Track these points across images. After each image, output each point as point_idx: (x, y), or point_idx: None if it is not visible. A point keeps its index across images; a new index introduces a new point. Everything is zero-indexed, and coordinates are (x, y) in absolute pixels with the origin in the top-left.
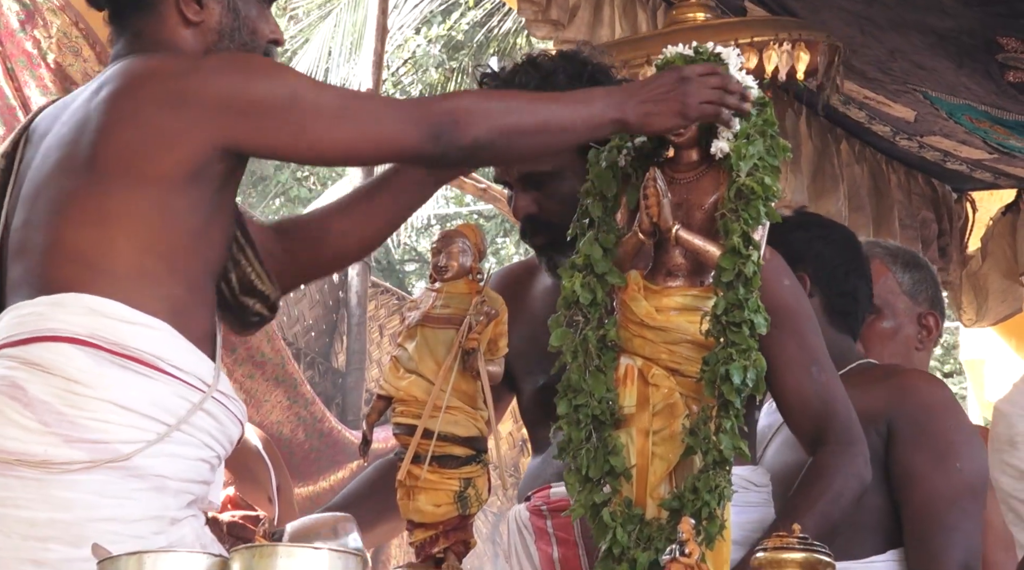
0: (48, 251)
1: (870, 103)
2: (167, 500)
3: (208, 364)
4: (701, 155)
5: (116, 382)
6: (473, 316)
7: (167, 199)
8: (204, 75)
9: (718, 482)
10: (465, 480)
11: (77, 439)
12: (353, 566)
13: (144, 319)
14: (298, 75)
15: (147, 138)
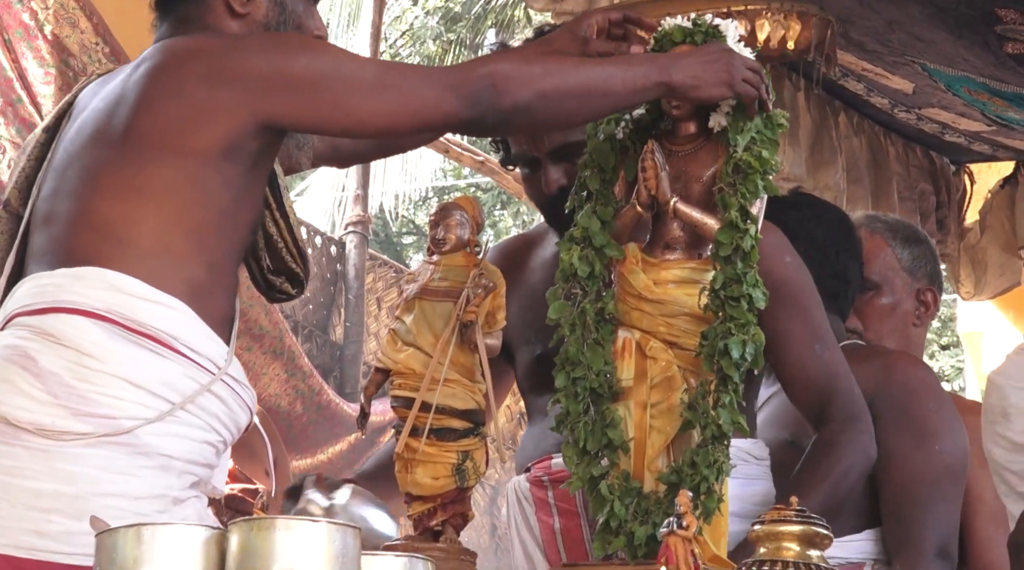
0: (75, 220)
1: (868, 75)
2: (171, 479)
3: (222, 348)
4: (699, 128)
5: (128, 358)
6: (471, 289)
7: (200, 174)
8: (245, 52)
9: (716, 457)
10: (463, 453)
11: (85, 413)
12: (351, 539)
13: (163, 298)
14: (337, 50)
15: (186, 112)
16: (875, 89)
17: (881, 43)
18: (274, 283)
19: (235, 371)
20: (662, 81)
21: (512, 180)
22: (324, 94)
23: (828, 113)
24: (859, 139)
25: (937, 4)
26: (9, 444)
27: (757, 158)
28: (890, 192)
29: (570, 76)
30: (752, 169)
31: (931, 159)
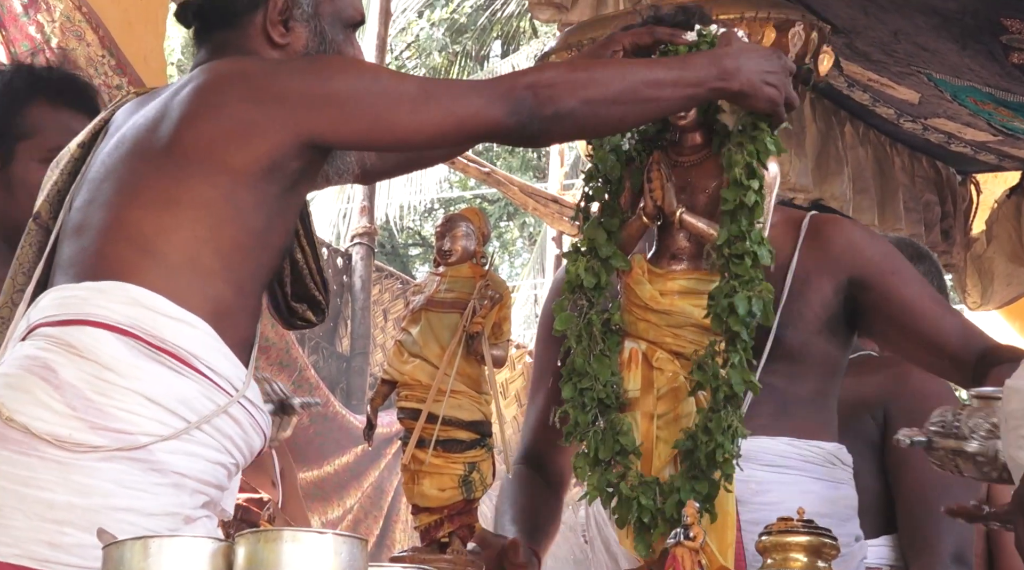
0: (107, 229)
1: (874, 85)
2: (183, 498)
3: (241, 371)
4: (704, 139)
5: (147, 374)
6: (477, 300)
7: (236, 192)
8: (287, 73)
9: (731, 422)
10: (470, 464)
11: (102, 426)
12: (357, 550)
13: (186, 316)
14: (378, 67)
15: (229, 129)
16: (881, 99)
17: (887, 53)
18: (296, 310)
19: (252, 394)
20: (719, 87)
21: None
22: (366, 109)
23: (834, 123)
24: (865, 149)
25: (942, 14)
26: (25, 454)
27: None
28: (896, 202)
29: (616, 82)
30: (759, 130)
31: (937, 169)
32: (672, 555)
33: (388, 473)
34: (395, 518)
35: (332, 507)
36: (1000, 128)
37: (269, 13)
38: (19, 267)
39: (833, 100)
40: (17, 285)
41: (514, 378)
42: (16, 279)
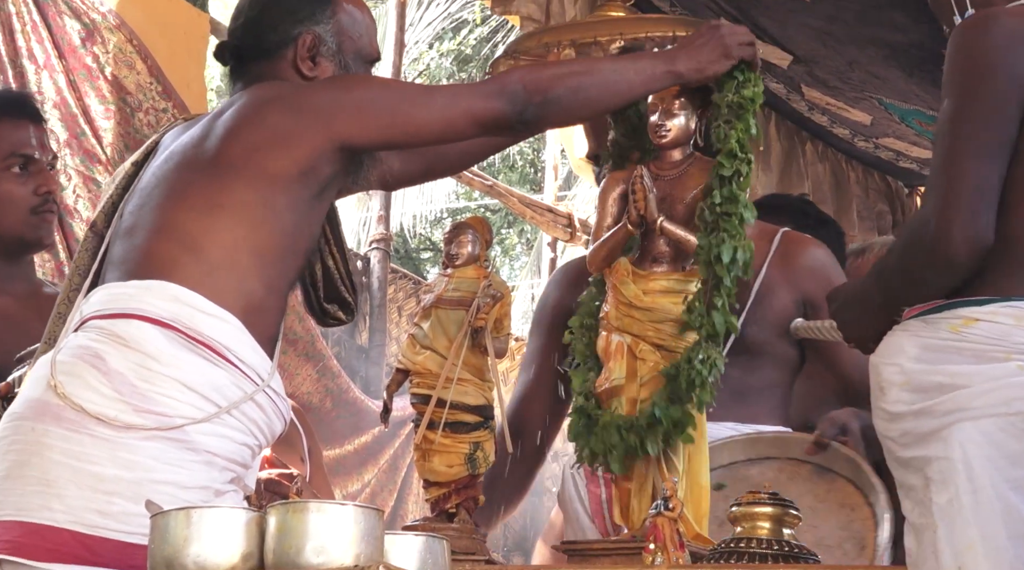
0: (157, 229)
1: (831, 109)
2: (214, 474)
3: (267, 363)
4: (683, 155)
5: (185, 363)
6: (481, 298)
7: (274, 195)
8: (315, 89)
9: (710, 354)
10: (474, 443)
11: (144, 409)
12: (375, 520)
13: (220, 312)
14: (388, 78)
15: (269, 138)
16: (838, 121)
17: (842, 80)
18: (328, 310)
19: (276, 384)
20: (670, 70)
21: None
22: (384, 110)
23: (796, 142)
24: (824, 165)
25: (892, 46)
26: (78, 432)
27: (747, 98)
28: (851, 212)
29: (587, 72)
30: (743, 108)
31: (888, 183)
32: (653, 525)
33: (402, 451)
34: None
35: (352, 481)
36: None
37: (299, 50)
38: (76, 269)
39: (795, 122)
40: (73, 285)
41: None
42: (73, 280)
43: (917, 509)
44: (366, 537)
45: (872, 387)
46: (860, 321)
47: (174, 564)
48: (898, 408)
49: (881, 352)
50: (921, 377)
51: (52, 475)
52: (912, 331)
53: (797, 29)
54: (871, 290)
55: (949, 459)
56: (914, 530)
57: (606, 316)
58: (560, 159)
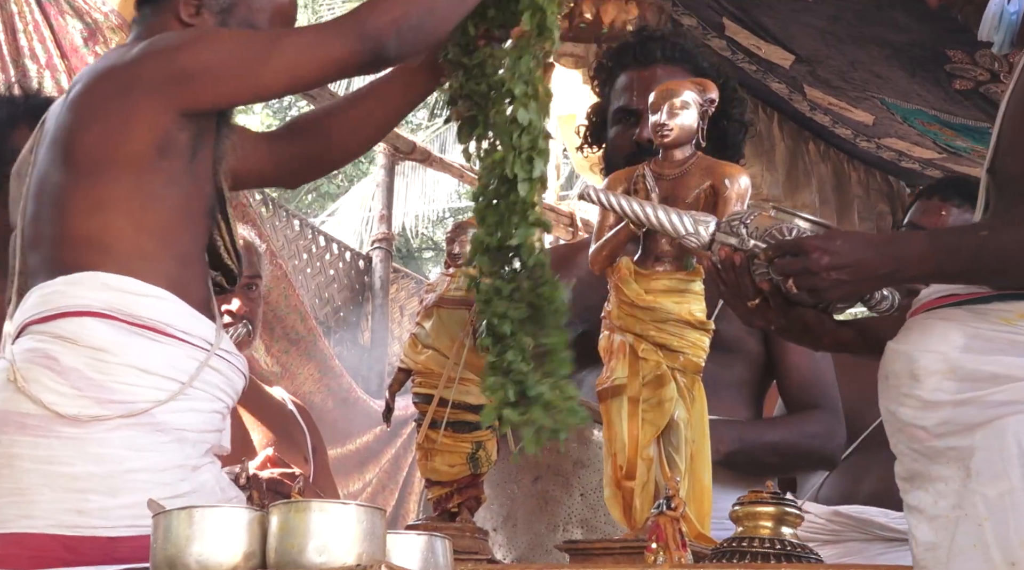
0: (57, 241)
1: (834, 109)
2: (188, 450)
3: (209, 326)
4: (685, 154)
5: (136, 349)
6: None
7: (144, 179)
8: (147, 57)
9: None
10: (476, 443)
11: (107, 400)
12: (377, 519)
13: (152, 291)
14: (234, 32)
15: (109, 128)
16: (840, 121)
17: (845, 80)
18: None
19: (226, 344)
20: None
21: None
22: (227, 71)
23: (800, 142)
24: (826, 165)
25: (894, 46)
26: (44, 436)
27: None
28: (852, 212)
29: None
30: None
31: (889, 183)
32: (655, 524)
33: (404, 451)
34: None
35: (353, 480)
36: (945, 147)
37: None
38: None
39: (798, 122)
40: (9, 294)
41: None
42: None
43: (945, 501)
44: (368, 536)
45: (895, 375)
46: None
47: (176, 563)
48: (937, 396)
49: (914, 339)
50: (970, 366)
51: (24, 483)
52: (957, 320)
53: (800, 28)
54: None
55: (1003, 451)
56: (938, 522)
57: (608, 315)
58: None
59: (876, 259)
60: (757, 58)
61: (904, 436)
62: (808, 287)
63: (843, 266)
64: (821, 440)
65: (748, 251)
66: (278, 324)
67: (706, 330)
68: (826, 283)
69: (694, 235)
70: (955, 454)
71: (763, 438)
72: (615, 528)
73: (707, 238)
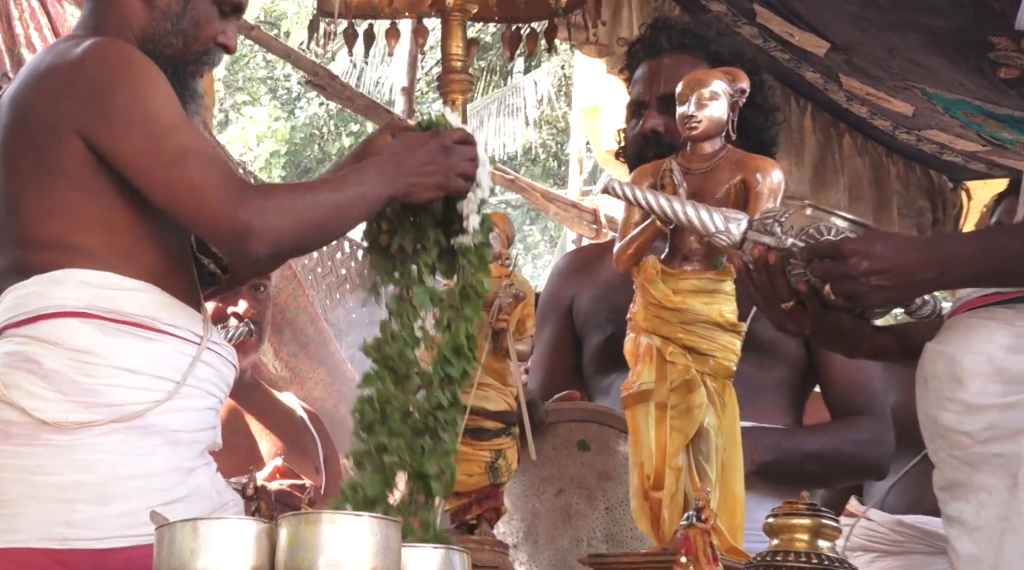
0: (22, 244)
1: (871, 99)
2: (181, 451)
3: (196, 317)
4: (715, 147)
5: (122, 348)
6: (503, 298)
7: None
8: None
9: None
10: (496, 451)
11: (95, 404)
12: (392, 531)
13: (132, 284)
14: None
15: (41, 135)
16: (878, 112)
17: (882, 69)
18: (203, 261)
19: (214, 336)
20: (389, 195)
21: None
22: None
23: (833, 135)
24: (862, 159)
25: (934, 32)
26: (29, 445)
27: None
28: (890, 209)
29: (314, 210)
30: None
31: (930, 177)
32: (685, 537)
33: None
34: None
35: None
36: (989, 139)
37: None
38: None
39: (832, 113)
40: None
41: None
42: None
43: (988, 512)
44: (382, 550)
45: (936, 378)
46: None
47: None
48: (983, 400)
49: (956, 340)
50: (1017, 368)
51: (10, 495)
52: (1002, 319)
53: (834, 15)
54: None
55: None
56: (981, 534)
57: (634, 316)
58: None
59: (919, 262)
60: (790, 46)
61: (945, 443)
62: (846, 292)
63: (883, 271)
64: (867, 448)
65: (784, 250)
66: (287, 326)
67: (737, 332)
68: (865, 288)
69: (725, 233)
70: (1001, 461)
71: (803, 446)
72: (642, 543)
73: (739, 236)
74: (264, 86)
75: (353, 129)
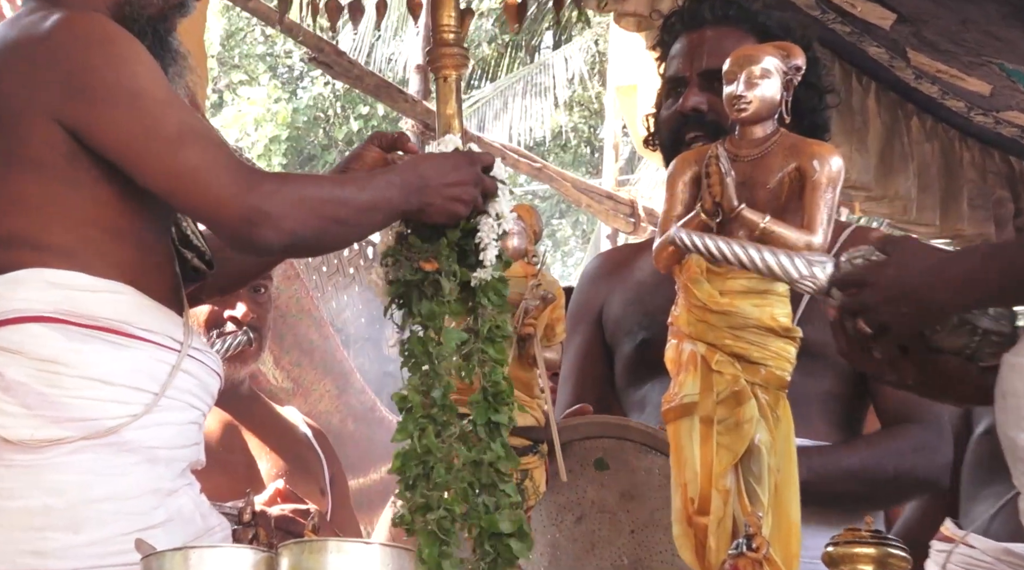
0: None
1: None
2: (160, 470)
3: (177, 320)
4: (767, 131)
5: (92, 356)
6: (529, 300)
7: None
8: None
9: None
10: (522, 472)
11: (64, 419)
12: (405, 561)
13: (105, 285)
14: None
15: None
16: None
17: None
18: (185, 256)
19: (196, 341)
20: (407, 210)
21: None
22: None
23: (900, 117)
24: (932, 144)
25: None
26: None
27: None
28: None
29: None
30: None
31: (1010, 164)
32: (734, 566)
33: None
34: None
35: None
36: None
37: None
38: None
39: (900, 93)
40: None
41: None
42: None
43: None
44: None
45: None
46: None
47: None
48: None
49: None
50: None
51: None
52: None
53: None
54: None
55: None
56: None
57: (676, 321)
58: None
59: (935, 284)
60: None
61: None
62: (877, 324)
63: (899, 297)
64: (914, 458)
65: None
66: (289, 332)
67: (792, 338)
68: (890, 317)
69: (809, 278)
70: None
71: (839, 464)
72: (672, 567)
73: (825, 281)
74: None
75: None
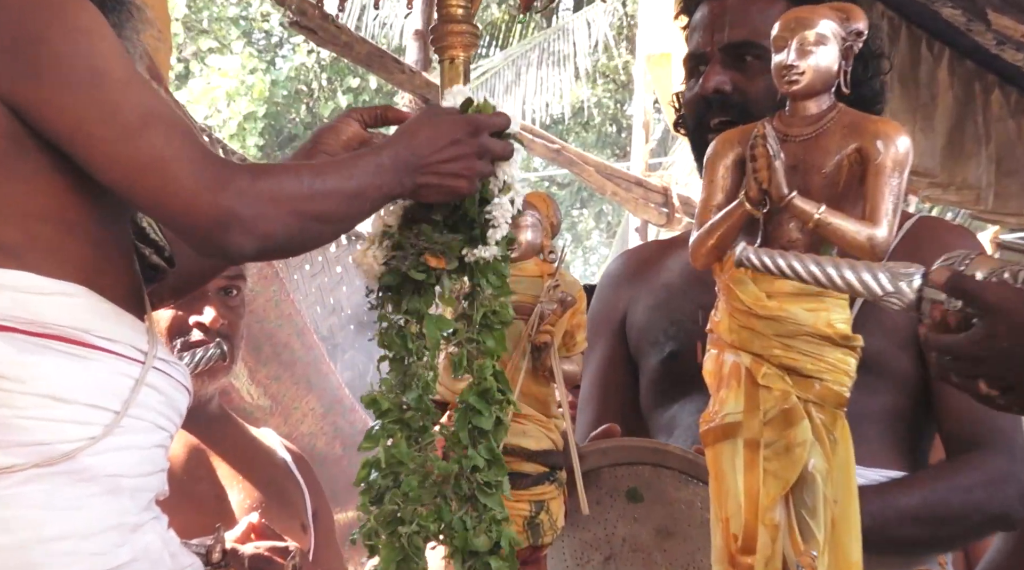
0: None
1: None
2: (124, 502)
3: (139, 326)
4: (822, 107)
5: (44, 370)
6: (545, 304)
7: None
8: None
9: None
10: (537, 503)
11: (13, 443)
12: None
13: (59, 286)
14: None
15: None
16: None
17: None
18: (143, 252)
19: (162, 352)
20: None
21: (594, 172)
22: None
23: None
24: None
25: None
26: None
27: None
28: None
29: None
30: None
31: None
32: None
33: None
34: None
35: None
36: None
37: None
38: None
39: (978, 62)
40: None
41: None
42: None
43: None
44: None
45: None
46: None
47: None
48: None
49: None
50: None
51: None
52: None
53: None
54: None
55: None
56: None
57: (716, 327)
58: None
59: None
60: None
61: None
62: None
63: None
64: (983, 492)
65: None
66: (267, 341)
67: (851, 348)
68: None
69: (895, 295)
70: None
71: (897, 504)
72: None
73: (913, 296)
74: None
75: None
